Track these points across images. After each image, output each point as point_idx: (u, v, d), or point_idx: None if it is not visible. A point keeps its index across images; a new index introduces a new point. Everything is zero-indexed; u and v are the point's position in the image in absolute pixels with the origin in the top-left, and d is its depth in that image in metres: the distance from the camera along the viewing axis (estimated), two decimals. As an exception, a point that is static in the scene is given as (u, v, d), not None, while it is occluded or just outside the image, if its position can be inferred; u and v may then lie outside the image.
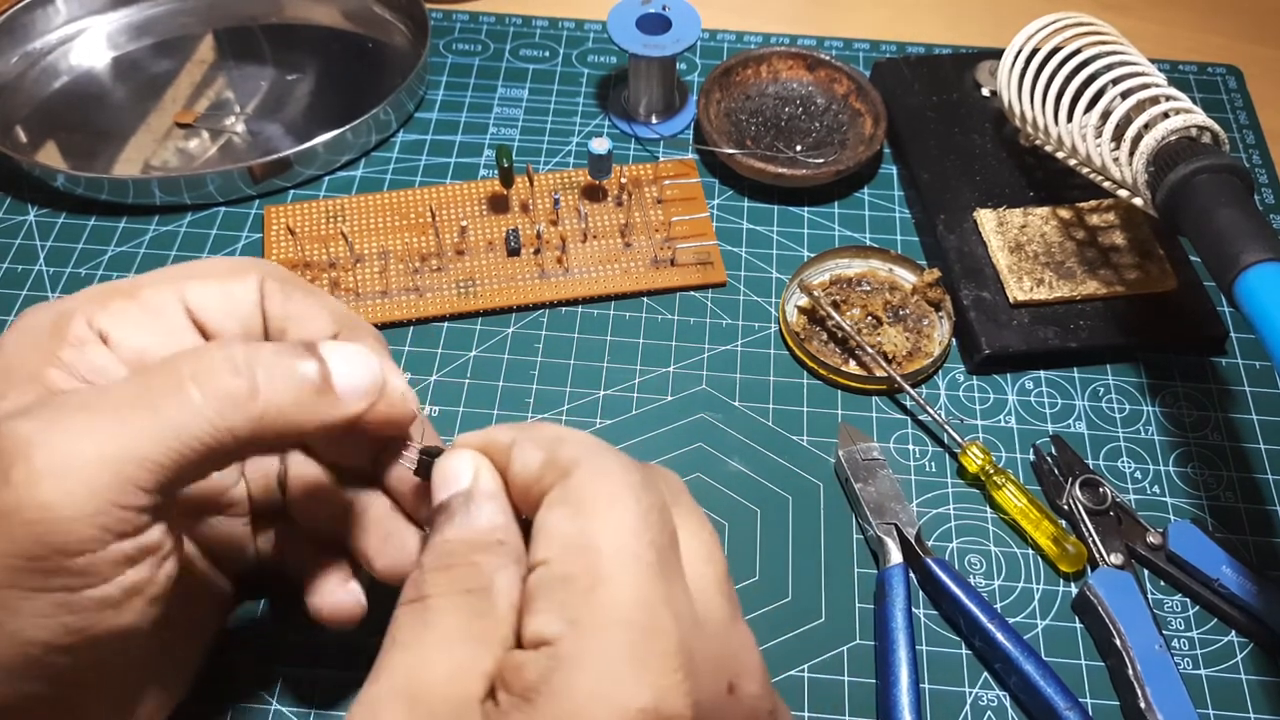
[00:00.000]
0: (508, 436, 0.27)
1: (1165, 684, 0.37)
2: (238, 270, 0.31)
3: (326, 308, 0.32)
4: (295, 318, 0.31)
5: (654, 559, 0.24)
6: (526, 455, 0.26)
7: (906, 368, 0.46)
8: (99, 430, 0.25)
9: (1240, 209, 0.38)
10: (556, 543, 0.24)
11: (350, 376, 0.28)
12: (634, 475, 0.25)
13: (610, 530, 0.24)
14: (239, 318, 0.30)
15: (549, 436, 0.27)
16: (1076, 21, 0.48)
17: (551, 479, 0.25)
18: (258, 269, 0.31)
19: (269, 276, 0.31)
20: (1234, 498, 0.43)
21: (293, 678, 0.38)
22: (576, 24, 0.62)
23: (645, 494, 0.25)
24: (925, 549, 0.40)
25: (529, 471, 0.26)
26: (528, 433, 0.27)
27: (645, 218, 0.51)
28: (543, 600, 0.24)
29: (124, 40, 0.60)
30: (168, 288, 0.30)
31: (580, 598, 0.23)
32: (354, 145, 0.54)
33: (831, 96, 0.56)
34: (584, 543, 0.24)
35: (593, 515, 0.24)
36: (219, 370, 0.26)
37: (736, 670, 0.25)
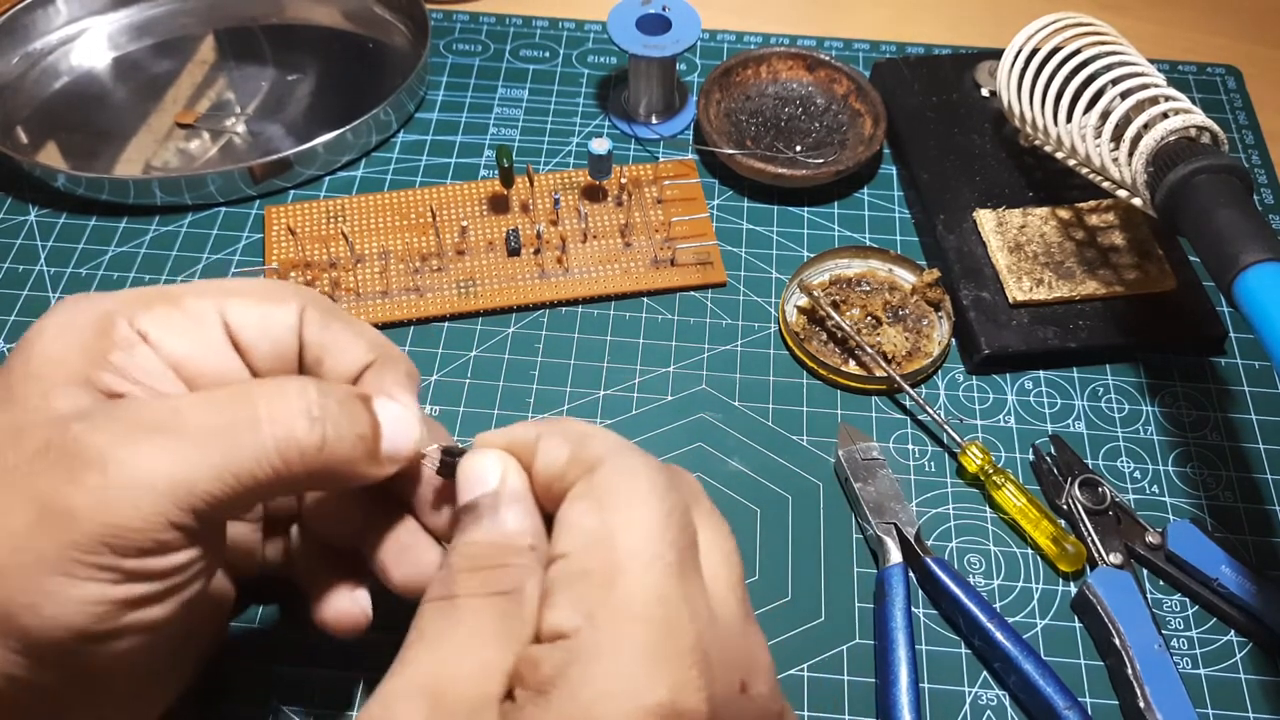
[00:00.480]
0: (533, 432, 0.27)
1: (1164, 683, 0.37)
2: (278, 294, 0.31)
3: (364, 337, 0.32)
4: (331, 347, 0.31)
5: (674, 558, 0.24)
6: (552, 450, 0.27)
7: (906, 368, 0.46)
8: (172, 457, 0.25)
9: (1239, 209, 0.38)
10: (578, 537, 0.24)
11: (395, 439, 0.29)
12: (658, 475, 0.25)
13: (632, 527, 0.24)
14: (275, 341, 0.30)
15: (575, 432, 0.27)
16: (1076, 22, 0.48)
17: (576, 474, 0.26)
18: (298, 296, 0.31)
19: (309, 304, 0.31)
20: (1233, 497, 0.43)
21: (293, 678, 0.38)
22: (576, 24, 0.62)
23: (668, 494, 0.25)
24: (925, 548, 0.40)
25: (554, 466, 0.26)
26: (553, 427, 0.27)
27: (645, 218, 0.51)
28: (561, 594, 0.24)
29: (125, 41, 0.60)
30: (210, 300, 0.30)
31: (599, 592, 0.23)
32: (354, 145, 0.54)
33: (831, 97, 0.56)
34: (605, 538, 0.24)
35: (615, 511, 0.24)
36: (295, 417, 0.27)
37: (749, 669, 0.25)
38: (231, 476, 0.26)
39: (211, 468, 0.26)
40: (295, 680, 0.38)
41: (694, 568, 0.25)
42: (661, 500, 0.25)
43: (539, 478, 0.27)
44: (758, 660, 0.26)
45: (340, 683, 0.38)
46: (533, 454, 0.27)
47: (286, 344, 0.31)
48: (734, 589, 0.26)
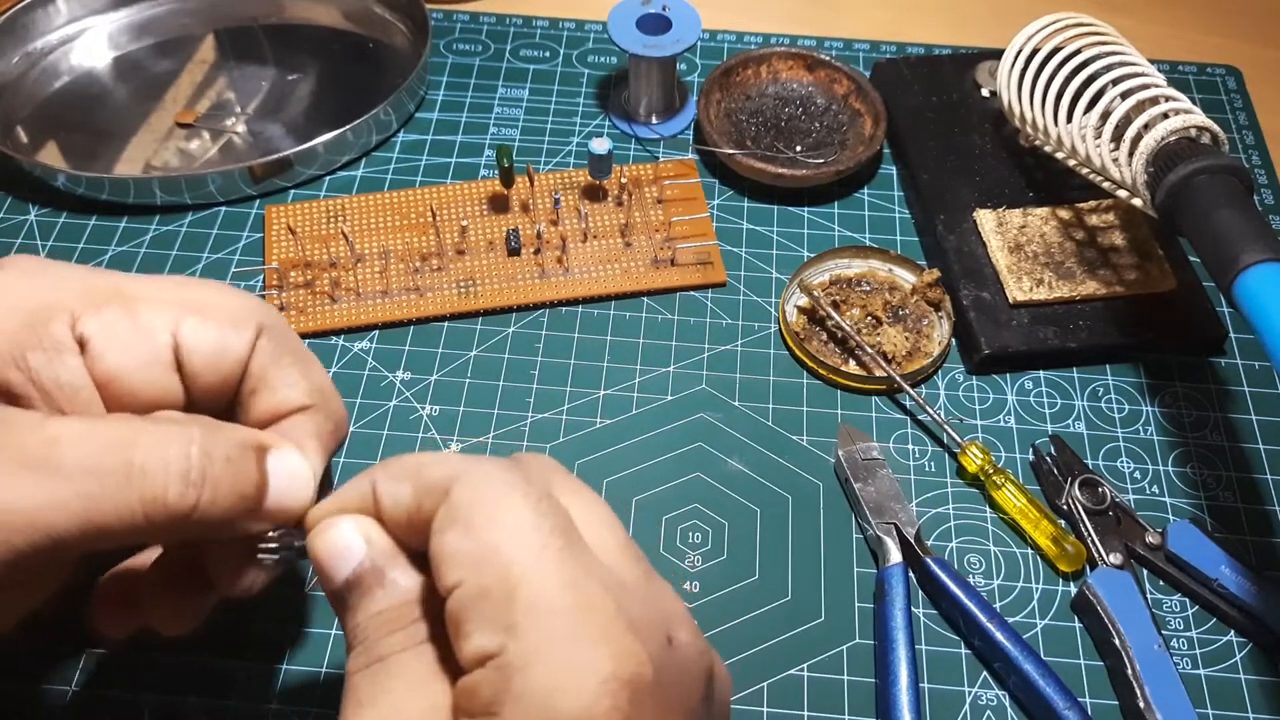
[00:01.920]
0: (365, 484, 0.27)
1: (1164, 684, 0.37)
2: (239, 319, 0.30)
3: (308, 379, 0.31)
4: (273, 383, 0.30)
5: (561, 542, 0.24)
6: (394, 492, 0.26)
7: (906, 368, 0.46)
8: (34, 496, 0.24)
9: (1239, 209, 0.38)
10: (462, 563, 0.24)
11: (283, 497, 0.28)
12: (510, 474, 0.25)
13: (509, 532, 0.24)
14: (221, 370, 0.29)
15: (408, 466, 0.26)
16: (1076, 22, 0.48)
17: (431, 504, 0.25)
18: (258, 319, 0.30)
19: (266, 334, 0.30)
20: (1233, 498, 0.43)
21: (294, 677, 0.38)
22: (577, 24, 0.62)
23: (527, 487, 0.25)
24: (925, 548, 0.40)
25: (403, 506, 0.26)
26: (384, 471, 0.27)
27: (645, 218, 0.51)
28: (471, 621, 0.23)
29: (125, 40, 0.60)
30: (167, 312, 0.29)
31: (506, 605, 0.23)
32: (354, 145, 0.54)
33: (831, 97, 0.56)
34: (487, 554, 0.23)
35: (486, 524, 0.24)
36: (170, 477, 0.25)
37: (668, 621, 0.25)
38: (91, 526, 0.25)
39: (72, 514, 0.24)
40: (295, 680, 0.38)
41: (580, 544, 0.24)
42: (524, 495, 0.24)
43: (393, 522, 0.26)
44: (673, 611, 0.26)
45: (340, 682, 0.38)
46: (374, 504, 0.26)
47: (231, 374, 0.30)
48: (625, 549, 0.26)
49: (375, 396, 0.45)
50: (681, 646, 0.25)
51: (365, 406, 0.45)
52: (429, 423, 0.45)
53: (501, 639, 0.23)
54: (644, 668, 0.23)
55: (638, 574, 0.25)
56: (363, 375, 0.46)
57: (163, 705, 0.37)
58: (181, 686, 0.38)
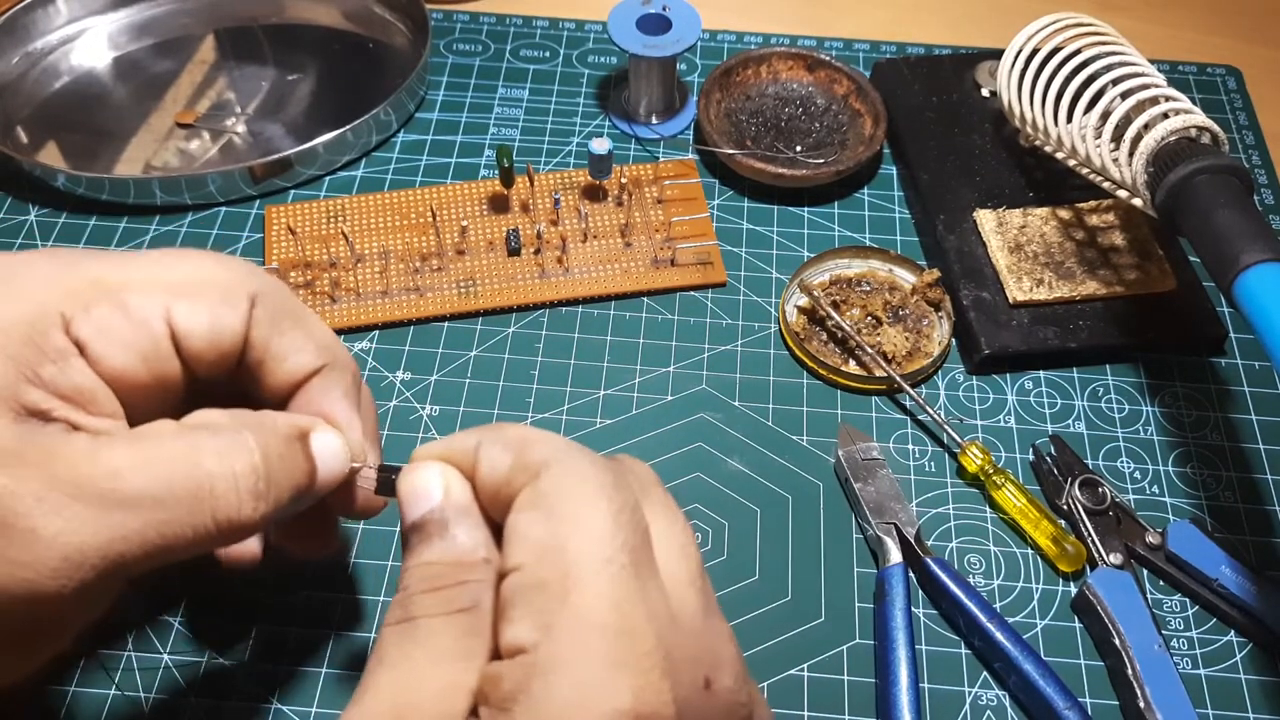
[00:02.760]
0: (471, 440, 0.27)
1: (1164, 684, 0.37)
2: (230, 292, 0.29)
3: (313, 338, 0.30)
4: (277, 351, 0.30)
5: (627, 560, 0.23)
6: (494, 458, 0.26)
7: (906, 368, 0.46)
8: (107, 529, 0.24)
9: (1240, 209, 0.38)
10: (529, 548, 0.24)
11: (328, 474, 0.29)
12: (605, 475, 0.25)
13: (582, 533, 0.23)
14: (221, 347, 0.29)
15: (515, 438, 0.26)
16: (1076, 22, 0.48)
17: (521, 481, 0.25)
18: (249, 289, 0.29)
19: (260, 300, 0.29)
20: (1233, 498, 0.43)
21: (293, 677, 0.38)
22: (577, 24, 0.62)
23: (617, 494, 0.24)
24: (925, 549, 0.40)
25: (497, 474, 0.26)
26: (493, 434, 0.26)
27: (645, 218, 0.51)
28: (518, 608, 0.23)
29: (125, 40, 0.60)
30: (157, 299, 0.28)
31: (554, 604, 0.23)
32: (354, 145, 0.54)
33: (831, 97, 0.56)
34: (555, 547, 0.23)
35: (564, 518, 0.24)
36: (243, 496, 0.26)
37: (712, 665, 0.25)
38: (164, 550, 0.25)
39: (145, 542, 0.25)
40: (295, 679, 0.38)
41: (649, 567, 0.24)
42: (610, 501, 0.24)
43: (483, 487, 0.26)
44: (722, 654, 0.25)
45: (341, 682, 0.38)
46: (473, 463, 0.26)
47: (233, 346, 0.29)
48: (692, 582, 0.25)
49: (375, 396, 0.45)
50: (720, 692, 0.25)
51: (365, 406, 0.45)
52: (429, 423, 0.45)
53: (537, 637, 0.23)
54: (665, 708, 0.22)
55: (696, 609, 0.25)
56: (363, 375, 0.46)
57: (163, 705, 0.37)
58: (182, 686, 0.38)
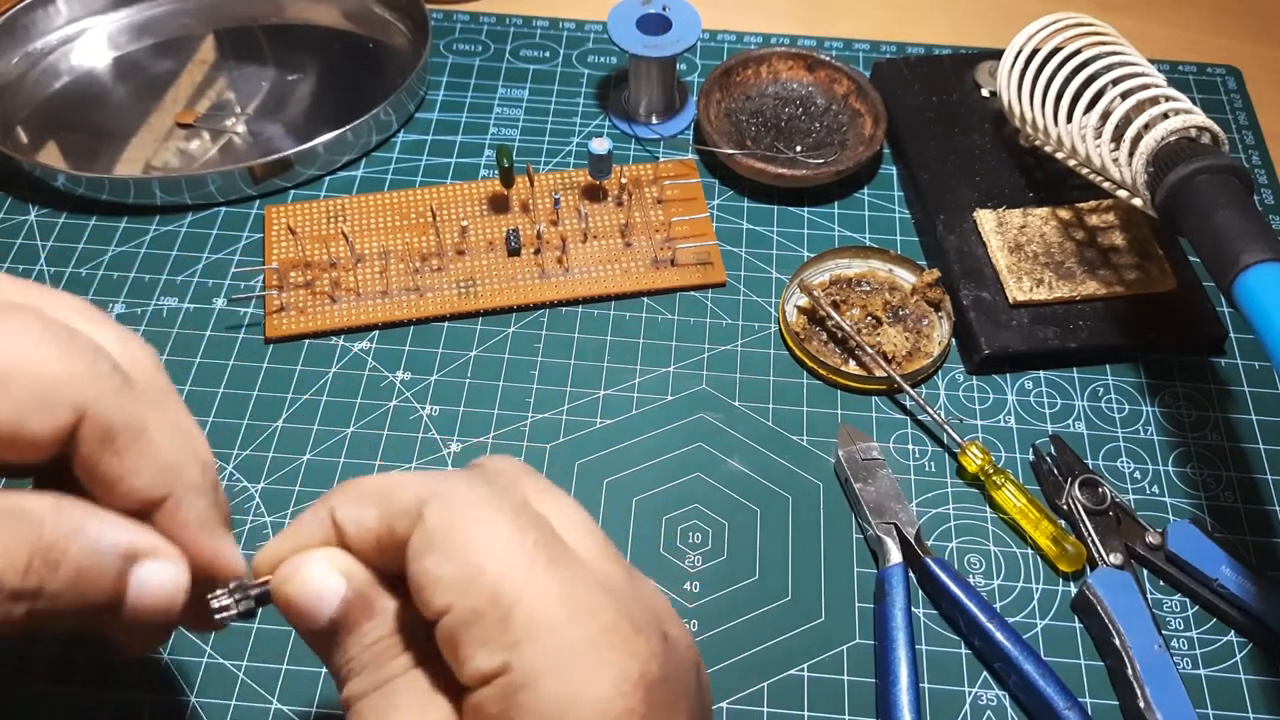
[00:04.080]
0: (321, 513, 0.25)
1: (1164, 684, 0.37)
2: (49, 397, 0.24)
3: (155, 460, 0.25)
4: (107, 475, 0.25)
5: (544, 554, 0.23)
6: (357, 517, 0.25)
7: (906, 368, 0.46)
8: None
9: (1240, 209, 0.38)
10: (448, 588, 0.23)
11: (143, 599, 0.24)
12: (482, 488, 0.24)
13: (491, 552, 0.23)
14: (21, 453, 0.24)
15: (370, 490, 0.25)
16: (1076, 22, 0.48)
17: (404, 526, 0.24)
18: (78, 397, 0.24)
19: (92, 415, 0.24)
20: (1233, 498, 0.43)
21: (293, 677, 0.38)
22: (577, 24, 0.62)
23: (502, 500, 0.24)
24: (925, 549, 0.40)
25: (370, 530, 0.25)
26: (344, 495, 0.25)
27: (645, 218, 0.51)
28: (467, 644, 0.23)
29: (125, 40, 0.60)
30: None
31: (503, 625, 0.23)
32: (354, 145, 0.54)
33: (831, 97, 0.56)
34: (473, 576, 0.23)
35: (466, 547, 0.23)
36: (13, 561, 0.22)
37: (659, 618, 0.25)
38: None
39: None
40: (296, 680, 0.38)
41: (566, 552, 0.24)
42: (499, 510, 0.24)
43: (359, 546, 0.25)
44: (660, 607, 0.26)
45: (340, 683, 0.38)
46: (332, 532, 0.25)
47: (37, 455, 0.24)
48: (605, 550, 0.25)
49: (375, 397, 0.45)
50: (675, 640, 0.25)
51: (365, 407, 0.45)
52: (429, 423, 0.45)
53: (503, 657, 0.22)
54: (651, 665, 0.23)
55: (621, 574, 0.25)
56: (363, 375, 0.46)
57: (163, 705, 0.37)
58: (181, 686, 0.38)
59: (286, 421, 0.45)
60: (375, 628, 0.25)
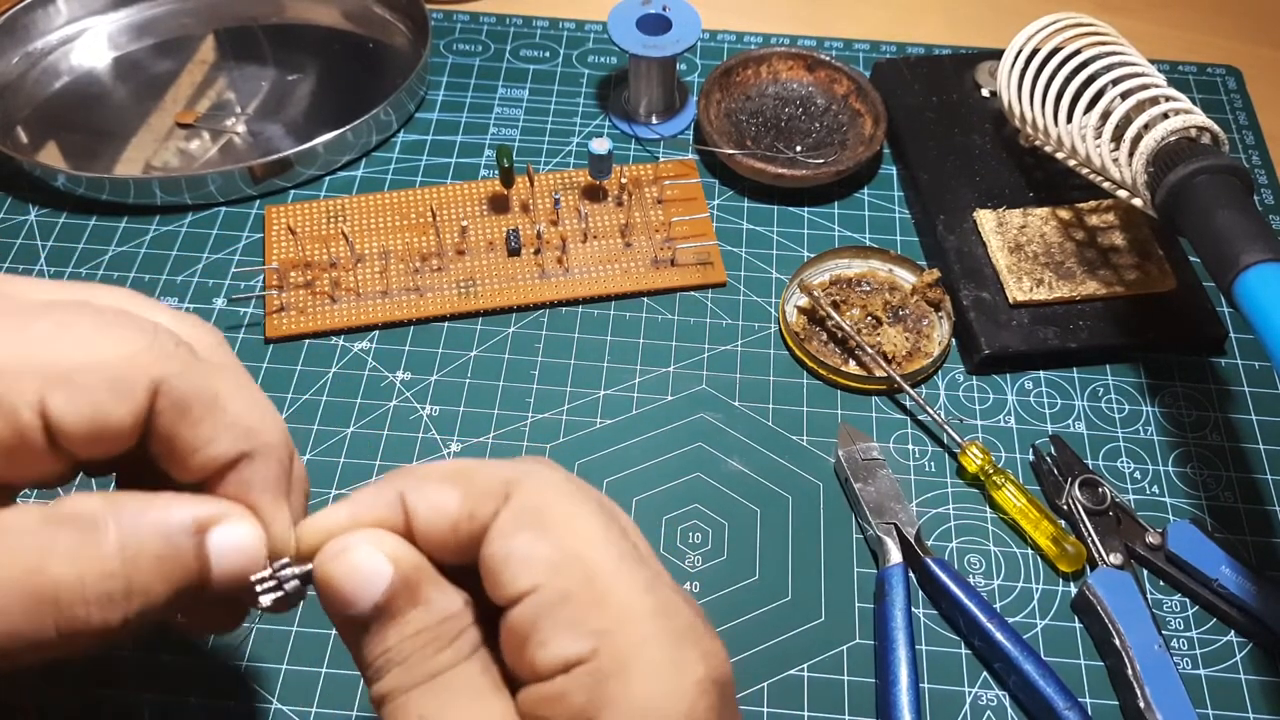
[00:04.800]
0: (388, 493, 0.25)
1: (1164, 684, 0.37)
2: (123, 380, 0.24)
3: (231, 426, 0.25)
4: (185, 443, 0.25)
5: (630, 551, 0.24)
6: (435, 499, 0.24)
7: (906, 368, 0.46)
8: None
9: (1240, 210, 0.38)
10: (538, 566, 0.23)
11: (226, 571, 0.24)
12: (569, 482, 0.25)
13: (586, 538, 0.24)
14: (106, 442, 0.24)
15: (451, 472, 0.25)
16: (1076, 22, 0.48)
17: (489, 508, 0.24)
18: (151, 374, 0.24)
19: (165, 388, 0.24)
20: (1233, 498, 0.43)
21: (294, 677, 0.38)
22: (577, 24, 0.62)
23: (588, 495, 0.25)
24: (925, 549, 0.40)
25: (447, 514, 0.24)
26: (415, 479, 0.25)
27: (645, 218, 0.51)
28: (546, 627, 0.23)
29: (125, 40, 0.60)
30: (28, 385, 0.23)
31: (594, 610, 0.23)
32: (354, 145, 0.54)
33: (831, 97, 0.56)
34: (569, 557, 0.23)
35: (562, 530, 0.24)
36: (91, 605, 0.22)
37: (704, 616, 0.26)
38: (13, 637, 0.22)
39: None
40: (296, 680, 0.38)
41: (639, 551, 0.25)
42: (586, 500, 0.25)
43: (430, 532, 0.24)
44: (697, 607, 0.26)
45: (341, 682, 0.38)
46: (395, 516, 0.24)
47: (121, 441, 0.24)
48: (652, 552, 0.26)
49: (375, 397, 0.45)
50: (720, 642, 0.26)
51: (365, 407, 0.45)
52: (429, 423, 0.45)
53: (591, 644, 0.22)
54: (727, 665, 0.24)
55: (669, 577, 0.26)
56: (363, 375, 0.46)
57: (163, 705, 0.37)
58: (181, 686, 0.38)
59: (286, 421, 0.44)
60: (422, 617, 0.24)
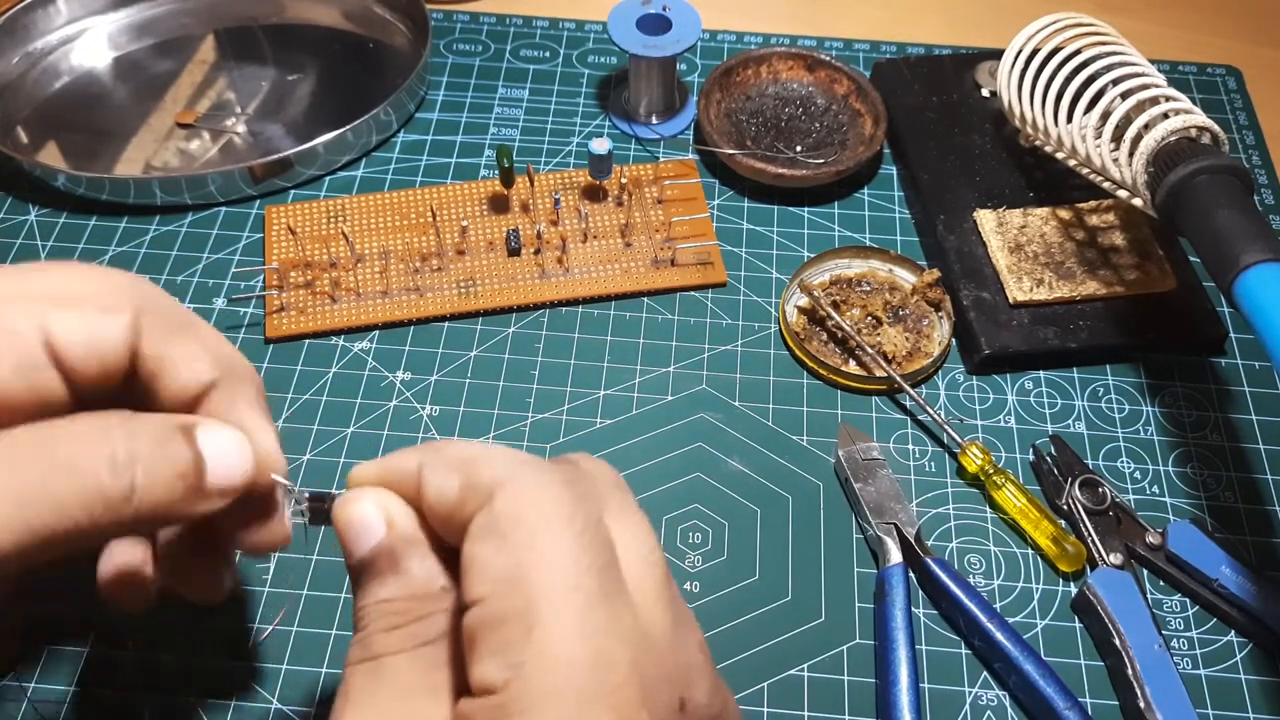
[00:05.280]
0: (412, 462, 0.25)
1: (1164, 684, 0.37)
2: (111, 303, 0.27)
3: (207, 349, 0.28)
4: (168, 362, 0.27)
5: (593, 583, 0.22)
6: (440, 481, 0.25)
7: (906, 368, 0.46)
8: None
9: (1240, 210, 0.38)
10: (489, 579, 0.22)
11: (223, 473, 0.26)
12: (563, 491, 0.24)
13: (544, 560, 0.22)
14: (104, 357, 0.26)
15: (460, 457, 0.25)
16: (1076, 22, 0.48)
17: (474, 504, 0.24)
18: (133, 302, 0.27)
19: (146, 311, 0.27)
20: (1233, 498, 0.43)
21: (294, 677, 0.38)
22: (577, 24, 0.62)
23: (577, 510, 0.23)
24: (925, 549, 0.40)
25: (447, 499, 0.24)
26: (437, 454, 0.25)
27: (645, 218, 0.51)
28: (483, 644, 0.22)
29: (125, 40, 0.60)
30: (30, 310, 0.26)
31: (519, 639, 0.22)
32: (355, 145, 0.54)
33: (831, 97, 0.56)
34: (516, 577, 0.22)
35: (523, 546, 0.22)
36: (97, 466, 0.24)
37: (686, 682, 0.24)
38: (32, 537, 0.23)
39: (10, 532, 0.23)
40: (296, 679, 0.38)
41: (616, 585, 0.23)
42: (570, 520, 0.23)
43: (434, 512, 0.25)
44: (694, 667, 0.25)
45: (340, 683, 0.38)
46: (416, 486, 0.25)
47: (116, 358, 0.27)
48: (660, 594, 0.24)
49: (375, 397, 0.46)
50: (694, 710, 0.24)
51: (365, 407, 0.45)
52: (429, 423, 0.45)
53: (506, 675, 0.21)
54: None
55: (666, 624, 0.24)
56: (363, 375, 0.46)
57: (163, 705, 0.37)
58: (181, 686, 0.38)
59: (287, 421, 0.45)
60: (393, 586, 0.25)
